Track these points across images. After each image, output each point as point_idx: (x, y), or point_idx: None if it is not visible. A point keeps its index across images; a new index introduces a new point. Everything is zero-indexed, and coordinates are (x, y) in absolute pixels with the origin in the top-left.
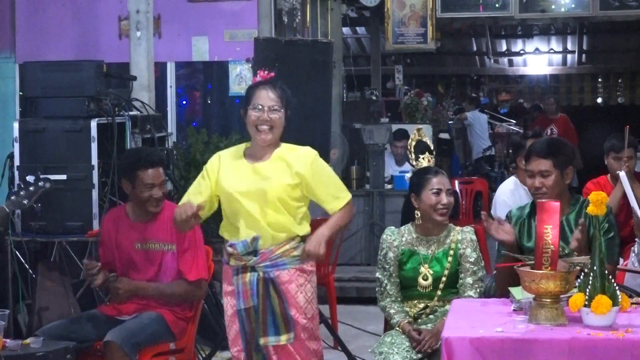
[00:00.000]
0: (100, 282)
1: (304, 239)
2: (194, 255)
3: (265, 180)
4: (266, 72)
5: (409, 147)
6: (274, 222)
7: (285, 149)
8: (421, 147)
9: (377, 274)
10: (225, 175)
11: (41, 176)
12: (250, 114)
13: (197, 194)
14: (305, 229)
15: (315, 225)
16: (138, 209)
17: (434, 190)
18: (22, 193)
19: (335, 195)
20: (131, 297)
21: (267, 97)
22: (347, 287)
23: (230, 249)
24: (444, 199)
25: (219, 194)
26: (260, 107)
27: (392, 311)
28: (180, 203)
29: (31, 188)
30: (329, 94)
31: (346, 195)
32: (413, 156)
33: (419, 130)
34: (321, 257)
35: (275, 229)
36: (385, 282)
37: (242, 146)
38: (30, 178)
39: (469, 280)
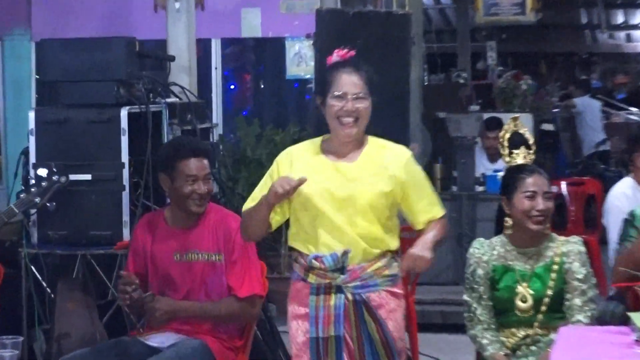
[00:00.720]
0: (134, 301)
1: (395, 255)
2: (245, 268)
3: (353, 183)
4: (345, 50)
5: (501, 140)
6: (366, 234)
7: (375, 146)
8: (517, 140)
9: (465, 296)
10: (301, 174)
11: (55, 168)
12: (330, 104)
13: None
14: (397, 242)
15: (403, 244)
16: (178, 211)
17: (528, 193)
18: (33, 190)
19: (430, 207)
20: (171, 321)
21: (351, 83)
22: (430, 312)
23: (315, 262)
24: (540, 203)
25: (292, 197)
26: (343, 94)
27: (484, 341)
28: (248, 201)
29: (44, 183)
30: (407, 76)
31: (441, 209)
32: (506, 151)
33: (514, 119)
34: (427, 263)
35: (367, 241)
36: (475, 305)
37: (317, 140)
38: (42, 171)
39: (577, 301)
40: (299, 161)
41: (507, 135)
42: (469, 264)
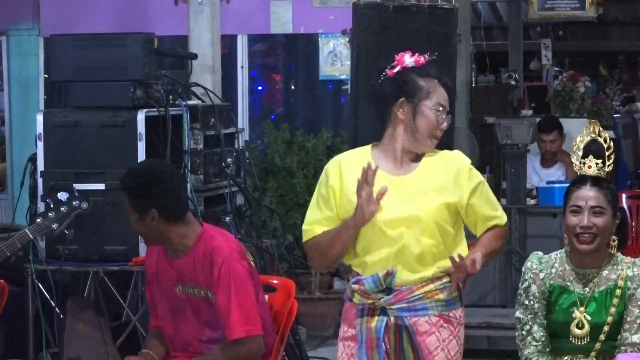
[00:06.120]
0: None
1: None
2: (233, 305)
3: (416, 199)
4: (420, 56)
5: (576, 147)
6: (427, 253)
7: (432, 154)
8: (592, 148)
9: (517, 313)
10: (351, 188)
11: (77, 192)
12: (428, 114)
13: (328, 221)
14: None
15: None
16: None
17: (573, 208)
18: (50, 215)
19: (491, 215)
20: None
21: (445, 98)
22: (475, 336)
23: (355, 286)
24: (585, 219)
25: (346, 214)
26: (441, 108)
27: None
28: (310, 226)
29: (63, 208)
30: (453, 77)
31: (502, 215)
32: (578, 161)
33: (592, 124)
34: (471, 271)
35: (424, 262)
36: (529, 323)
37: (366, 148)
38: (62, 195)
39: (636, 338)
40: (348, 174)
41: (584, 142)
42: (524, 279)
